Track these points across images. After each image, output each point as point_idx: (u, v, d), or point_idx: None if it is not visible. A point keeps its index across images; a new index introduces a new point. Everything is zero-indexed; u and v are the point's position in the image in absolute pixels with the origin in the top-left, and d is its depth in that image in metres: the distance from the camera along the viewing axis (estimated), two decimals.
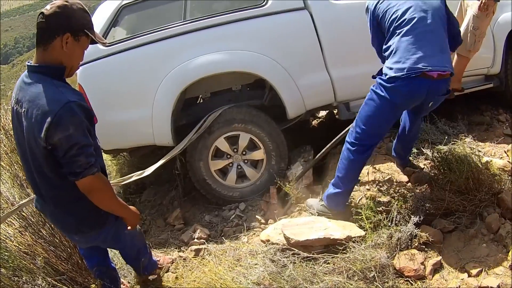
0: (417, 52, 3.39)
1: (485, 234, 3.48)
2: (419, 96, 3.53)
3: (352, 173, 3.79)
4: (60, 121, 2.43)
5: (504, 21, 5.05)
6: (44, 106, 2.45)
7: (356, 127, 3.69)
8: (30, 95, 2.53)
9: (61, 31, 2.54)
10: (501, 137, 4.65)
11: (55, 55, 2.58)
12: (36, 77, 2.58)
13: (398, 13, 3.51)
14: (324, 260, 3.33)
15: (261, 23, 4.52)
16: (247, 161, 4.86)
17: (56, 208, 2.82)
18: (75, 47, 2.63)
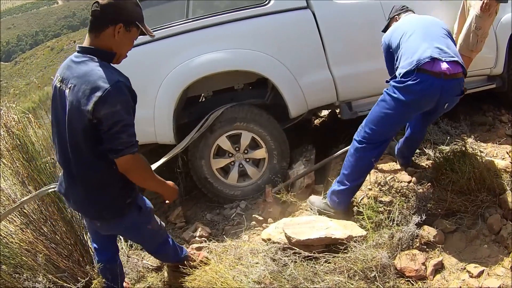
0: (422, 46, 3.46)
1: (486, 235, 3.48)
2: (432, 96, 3.51)
3: (358, 171, 3.78)
4: (109, 97, 2.54)
5: (507, 21, 5.05)
6: (94, 82, 2.56)
7: (366, 127, 3.69)
8: (79, 72, 2.66)
9: (114, 21, 2.70)
10: (503, 138, 4.65)
11: (106, 42, 2.73)
12: (87, 57, 2.71)
13: (403, 32, 3.70)
14: (325, 260, 3.33)
15: (264, 22, 4.53)
16: (249, 160, 4.87)
17: (85, 189, 2.87)
18: (126, 37, 2.78)
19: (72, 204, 3.05)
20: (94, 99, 2.53)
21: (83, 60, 2.70)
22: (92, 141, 2.68)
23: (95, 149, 2.70)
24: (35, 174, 3.56)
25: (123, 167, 2.71)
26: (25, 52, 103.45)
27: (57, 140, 2.88)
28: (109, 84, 2.55)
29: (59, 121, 2.82)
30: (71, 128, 2.70)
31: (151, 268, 3.96)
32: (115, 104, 2.56)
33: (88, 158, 2.75)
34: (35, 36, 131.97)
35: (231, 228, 4.44)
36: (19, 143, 3.57)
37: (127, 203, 2.93)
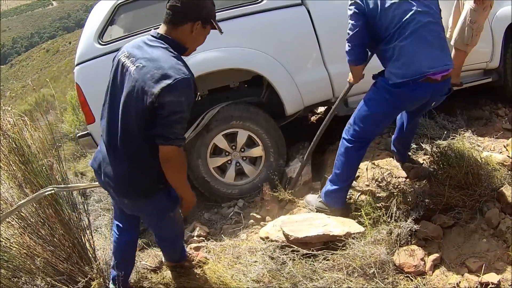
0: (419, 56, 3.39)
1: (485, 229, 3.48)
2: (423, 99, 3.58)
3: (350, 170, 3.81)
4: (177, 87, 2.61)
5: (502, 15, 5.05)
6: (166, 70, 2.64)
7: (355, 125, 3.70)
8: (151, 55, 2.74)
9: (194, 19, 2.80)
10: (500, 132, 4.66)
11: (182, 36, 2.85)
12: (162, 44, 2.81)
13: (395, 16, 3.45)
14: (323, 257, 3.33)
15: (259, 20, 4.53)
16: (245, 158, 4.87)
17: (126, 166, 2.95)
18: (201, 33, 2.91)
19: (104, 179, 3.08)
20: (163, 85, 2.60)
21: (158, 46, 2.79)
22: (145, 123, 2.75)
23: (145, 131, 2.77)
24: (32, 177, 3.54)
25: (165, 156, 2.77)
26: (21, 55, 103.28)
27: (108, 112, 2.97)
28: (179, 75, 2.63)
29: (115, 94, 2.92)
30: (126, 105, 2.79)
31: (150, 268, 3.95)
32: (180, 95, 2.65)
33: (136, 137, 2.82)
34: (30, 38, 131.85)
35: (229, 227, 4.44)
36: (15, 146, 3.55)
37: (160, 187, 2.99)
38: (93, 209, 5.65)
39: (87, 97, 4.53)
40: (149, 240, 4.37)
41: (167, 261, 3.83)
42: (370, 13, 3.50)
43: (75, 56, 4.81)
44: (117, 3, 4.72)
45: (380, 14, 3.47)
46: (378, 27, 3.53)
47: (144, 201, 3.06)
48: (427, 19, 3.44)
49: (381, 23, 3.50)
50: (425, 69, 3.36)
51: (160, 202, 3.08)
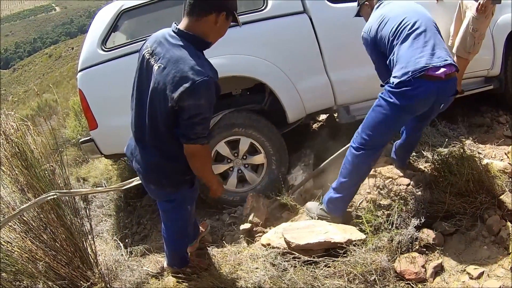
0: (417, 54, 3.42)
1: (486, 236, 3.48)
2: (428, 99, 3.53)
3: (356, 179, 3.79)
4: (196, 90, 2.65)
5: (503, 22, 5.07)
6: (185, 72, 2.66)
7: (362, 133, 3.69)
8: (172, 56, 2.74)
9: (219, 9, 2.79)
10: (501, 139, 4.66)
11: (205, 28, 2.82)
12: (183, 42, 2.80)
13: (392, 29, 3.58)
14: (324, 264, 3.33)
15: (261, 27, 4.54)
16: (247, 166, 4.86)
17: (156, 157, 3.07)
18: (224, 25, 2.90)
19: (135, 165, 3.24)
20: (181, 89, 2.64)
21: (179, 44, 2.78)
22: (169, 122, 2.84)
23: (171, 129, 2.87)
24: (34, 181, 3.55)
25: (189, 153, 2.90)
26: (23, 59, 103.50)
27: (136, 106, 3.06)
28: (198, 77, 2.64)
29: (142, 90, 2.98)
30: (152, 104, 2.88)
31: (151, 274, 3.96)
32: (199, 98, 2.69)
33: (163, 134, 2.93)
34: (33, 43, 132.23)
35: (231, 233, 4.43)
36: (18, 150, 3.57)
37: (186, 178, 3.16)
38: (95, 214, 5.66)
39: (90, 103, 4.55)
40: (151, 247, 4.38)
41: (168, 265, 3.84)
42: (375, 39, 3.74)
43: (77, 61, 4.83)
44: (120, 10, 4.75)
45: (380, 34, 3.67)
46: (383, 47, 3.70)
47: (171, 189, 3.22)
48: (420, 25, 3.53)
49: (382, 42, 3.67)
50: (422, 64, 3.37)
51: (184, 193, 3.26)
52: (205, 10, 2.78)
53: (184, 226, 3.55)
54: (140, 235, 4.96)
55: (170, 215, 3.47)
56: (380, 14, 3.75)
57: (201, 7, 2.79)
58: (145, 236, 4.88)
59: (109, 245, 4.26)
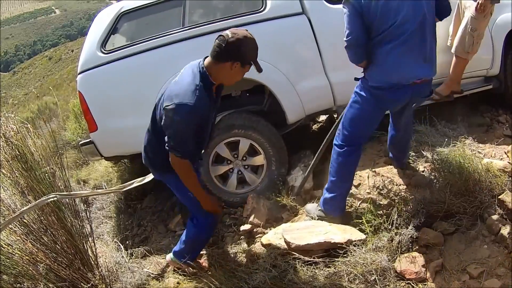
0: (404, 66, 3.43)
1: (486, 235, 3.48)
2: (403, 101, 3.66)
3: (345, 176, 3.81)
4: (175, 109, 3.15)
5: (502, 22, 5.06)
6: (176, 93, 3.19)
7: (343, 130, 3.74)
8: (181, 78, 3.33)
9: (234, 59, 3.21)
10: (501, 138, 4.65)
11: (220, 71, 3.28)
12: (197, 72, 3.29)
13: (389, 20, 3.41)
14: (325, 264, 3.34)
15: (260, 29, 4.50)
16: (247, 167, 4.86)
17: (153, 147, 3.64)
18: (240, 72, 3.33)
19: (143, 155, 3.75)
20: (166, 103, 3.19)
21: (191, 73, 3.29)
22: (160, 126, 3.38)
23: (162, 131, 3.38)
24: (35, 184, 3.56)
25: (171, 161, 3.38)
26: (24, 62, 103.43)
27: (156, 102, 3.52)
28: (182, 100, 3.13)
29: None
30: (157, 107, 3.47)
31: (152, 276, 3.96)
32: (175, 116, 3.17)
33: (159, 131, 3.42)
34: (33, 45, 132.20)
35: (231, 234, 4.43)
36: (18, 153, 3.58)
37: (170, 169, 3.44)
38: (95, 216, 5.67)
39: (90, 105, 4.56)
40: (151, 248, 4.38)
41: (174, 256, 3.91)
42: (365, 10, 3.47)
43: (77, 64, 4.84)
44: (120, 12, 4.76)
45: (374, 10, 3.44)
46: (370, 24, 3.50)
47: (159, 173, 3.72)
48: (417, 25, 3.42)
49: (373, 22, 3.48)
50: (404, 81, 3.45)
51: (173, 179, 3.55)
52: (222, 57, 3.20)
53: (198, 206, 3.68)
54: (140, 237, 4.96)
55: (181, 199, 3.87)
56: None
57: (220, 54, 3.20)
58: (145, 238, 4.88)
59: (110, 247, 4.26)
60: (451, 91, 4.91)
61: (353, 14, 3.43)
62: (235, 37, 3.17)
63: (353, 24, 3.47)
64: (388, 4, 3.39)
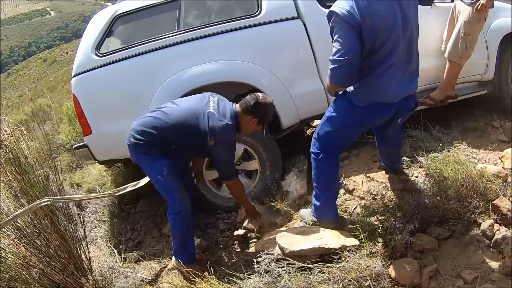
0: (392, 86, 3.36)
1: (480, 241, 3.48)
2: (386, 117, 3.59)
3: (328, 181, 3.79)
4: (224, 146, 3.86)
5: (497, 27, 5.10)
6: (220, 132, 3.74)
7: (320, 140, 3.72)
8: (219, 109, 3.88)
9: (255, 116, 3.90)
10: (495, 143, 4.65)
11: (242, 118, 3.92)
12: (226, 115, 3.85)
13: (383, 40, 3.21)
14: (319, 270, 3.32)
15: (255, 33, 4.54)
16: (241, 172, 4.85)
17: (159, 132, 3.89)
18: (254, 127, 4.02)
19: (137, 136, 3.89)
20: (211, 143, 3.74)
21: (224, 116, 3.81)
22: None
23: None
24: (28, 187, 3.55)
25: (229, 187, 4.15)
26: (18, 64, 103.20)
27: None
28: (225, 139, 3.79)
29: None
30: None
31: (146, 281, 3.95)
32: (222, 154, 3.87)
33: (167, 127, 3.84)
34: (27, 47, 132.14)
35: (225, 239, 4.42)
36: (12, 156, 3.56)
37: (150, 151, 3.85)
38: (88, 220, 5.65)
39: (84, 109, 4.54)
40: (145, 253, 4.37)
41: (174, 254, 4.00)
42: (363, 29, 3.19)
43: (72, 66, 4.82)
44: (115, 15, 4.75)
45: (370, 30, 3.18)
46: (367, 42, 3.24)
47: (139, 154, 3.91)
48: (406, 41, 3.31)
49: (367, 42, 3.23)
50: (393, 101, 3.43)
51: (143, 162, 3.92)
52: (248, 111, 3.88)
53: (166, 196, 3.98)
54: (134, 242, 4.94)
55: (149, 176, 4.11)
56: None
57: (247, 108, 3.87)
58: (139, 243, 4.86)
59: (103, 252, 4.25)
60: (446, 96, 4.93)
61: (349, 29, 3.16)
62: (264, 100, 3.87)
63: (351, 40, 3.18)
64: (386, 22, 3.19)
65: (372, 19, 3.12)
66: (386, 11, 3.17)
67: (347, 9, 3.14)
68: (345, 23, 3.15)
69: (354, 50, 3.18)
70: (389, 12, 3.18)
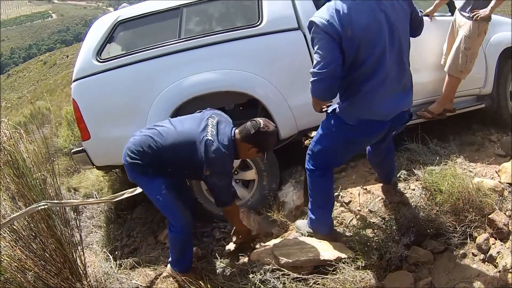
0: (385, 103, 3.29)
1: (475, 254, 3.49)
2: (382, 134, 3.56)
3: (323, 196, 3.78)
4: (220, 176, 3.70)
5: (496, 41, 5.13)
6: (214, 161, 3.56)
7: (314, 157, 3.70)
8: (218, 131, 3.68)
9: (254, 144, 3.69)
10: (492, 157, 4.68)
11: (241, 145, 3.71)
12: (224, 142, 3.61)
13: (368, 52, 3.14)
14: (314, 281, 3.31)
15: (255, 43, 4.55)
16: (238, 181, 4.85)
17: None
18: (253, 155, 3.85)
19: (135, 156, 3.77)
20: (206, 172, 3.59)
21: (222, 144, 3.57)
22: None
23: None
24: (26, 190, 3.55)
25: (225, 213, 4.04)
26: (18, 65, 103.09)
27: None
28: (221, 170, 3.64)
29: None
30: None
31: (141, 287, 3.94)
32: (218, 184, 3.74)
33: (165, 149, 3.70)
34: (28, 49, 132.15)
35: (221, 248, 4.41)
36: (10, 158, 3.56)
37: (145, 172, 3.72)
38: (85, 225, 5.64)
39: (83, 114, 4.54)
40: (141, 260, 4.36)
41: (170, 264, 3.96)
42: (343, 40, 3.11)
43: (72, 70, 4.83)
44: (117, 21, 4.76)
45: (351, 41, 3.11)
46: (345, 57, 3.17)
47: (138, 175, 3.77)
48: (395, 55, 3.23)
49: (349, 55, 3.16)
50: (382, 117, 3.34)
51: (141, 182, 3.83)
52: (247, 139, 3.66)
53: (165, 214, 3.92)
54: (130, 248, 4.93)
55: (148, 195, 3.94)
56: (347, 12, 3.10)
57: (247, 136, 3.65)
58: (135, 249, 4.86)
59: (99, 257, 4.24)
60: (444, 109, 4.94)
61: (329, 40, 3.08)
62: (265, 129, 3.63)
63: (331, 52, 3.10)
64: (369, 32, 3.11)
65: (352, 29, 3.05)
66: (369, 22, 3.09)
67: (326, 18, 3.07)
68: (325, 34, 3.07)
69: (334, 62, 3.10)
70: (372, 22, 3.11)
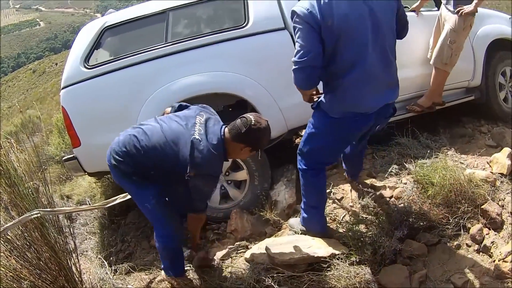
0: (368, 96, 3.29)
1: (469, 245, 3.51)
2: (367, 127, 3.57)
3: (315, 195, 3.78)
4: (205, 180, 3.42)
5: (483, 34, 5.16)
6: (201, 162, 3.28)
7: (305, 157, 3.70)
8: (206, 130, 3.42)
9: (247, 144, 3.41)
10: (483, 148, 4.69)
11: (233, 146, 3.44)
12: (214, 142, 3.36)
13: (350, 44, 3.15)
14: (308, 278, 3.32)
15: (242, 44, 4.55)
16: (230, 182, 4.85)
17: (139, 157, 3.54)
18: (247, 154, 3.57)
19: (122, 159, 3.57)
20: (189, 173, 3.28)
21: (210, 144, 3.32)
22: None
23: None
24: (18, 200, 3.53)
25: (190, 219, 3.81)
26: (7, 75, 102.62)
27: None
28: (206, 173, 3.35)
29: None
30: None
31: None
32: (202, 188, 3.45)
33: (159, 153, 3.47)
34: (17, 58, 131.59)
35: (214, 250, 4.41)
36: (1, 168, 3.55)
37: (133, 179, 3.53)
38: (79, 232, 5.62)
39: (73, 121, 4.53)
40: (136, 264, 4.36)
41: (163, 270, 3.88)
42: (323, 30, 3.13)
43: (61, 77, 4.82)
44: (104, 27, 4.75)
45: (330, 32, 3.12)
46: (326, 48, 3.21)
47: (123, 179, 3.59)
48: (378, 49, 3.23)
49: (330, 46, 3.18)
50: (367, 110, 3.34)
51: (130, 189, 3.64)
52: (239, 139, 3.36)
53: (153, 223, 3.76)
54: (124, 253, 4.92)
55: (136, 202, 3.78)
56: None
57: (238, 135, 3.36)
58: (129, 254, 4.85)
59: (94, 264, 4.23)
60: (433, 102, 4.95)
61: (309, 30, 3.12)
62: (257, 126, 3.35)
63: (310, 41, 3.14)
64: (349, 23, 3.11)
65: (333, 19, 3.07)
66: (350, 12, 3.09)
67: (307, 8, 3.10)
68: (305, 23, 3.12)
69: (313, 51, 3.15)
70: (354, 13, 3.10)
